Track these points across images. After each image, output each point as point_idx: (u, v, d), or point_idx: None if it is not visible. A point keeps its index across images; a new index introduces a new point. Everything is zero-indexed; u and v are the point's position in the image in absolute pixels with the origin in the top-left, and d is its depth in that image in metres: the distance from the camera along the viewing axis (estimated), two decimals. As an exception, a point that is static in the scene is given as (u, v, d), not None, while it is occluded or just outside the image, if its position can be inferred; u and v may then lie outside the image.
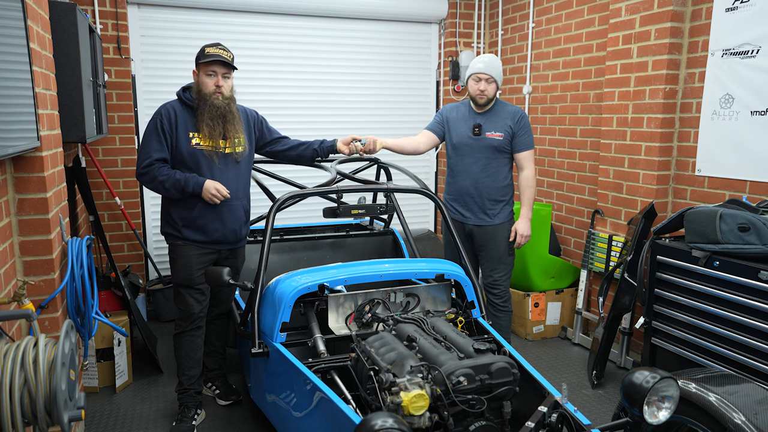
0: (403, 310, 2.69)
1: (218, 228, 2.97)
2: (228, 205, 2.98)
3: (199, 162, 2.91)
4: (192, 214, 2.93)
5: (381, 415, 1.57)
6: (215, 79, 2.89)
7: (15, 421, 1.50)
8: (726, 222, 2.79)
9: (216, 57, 2.86)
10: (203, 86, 2.89)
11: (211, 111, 2.88)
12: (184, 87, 3.01)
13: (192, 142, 2.90)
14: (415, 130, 5.55)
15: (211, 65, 2.87)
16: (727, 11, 3.26)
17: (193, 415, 3.06)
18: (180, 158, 2.91)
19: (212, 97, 2.88)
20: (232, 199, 2.97)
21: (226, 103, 2.93)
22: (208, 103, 2.88)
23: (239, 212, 3.05)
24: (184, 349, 3.05)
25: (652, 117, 3.62)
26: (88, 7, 4.26)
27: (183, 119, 2.91)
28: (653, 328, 3.27)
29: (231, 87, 2.98)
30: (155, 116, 2.91)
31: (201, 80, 2.90)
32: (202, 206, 2.92)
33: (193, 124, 2.92)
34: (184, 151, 2.89)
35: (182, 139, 2.89)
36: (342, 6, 4.98)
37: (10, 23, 1.99)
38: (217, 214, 2.95)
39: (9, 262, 2.24)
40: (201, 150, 2.91)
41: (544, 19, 4.77)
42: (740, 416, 1.88)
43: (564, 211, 4.67)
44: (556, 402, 2.00)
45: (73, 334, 1.68)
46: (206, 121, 2.88)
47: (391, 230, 4.12)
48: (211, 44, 2.93)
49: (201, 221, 2.94)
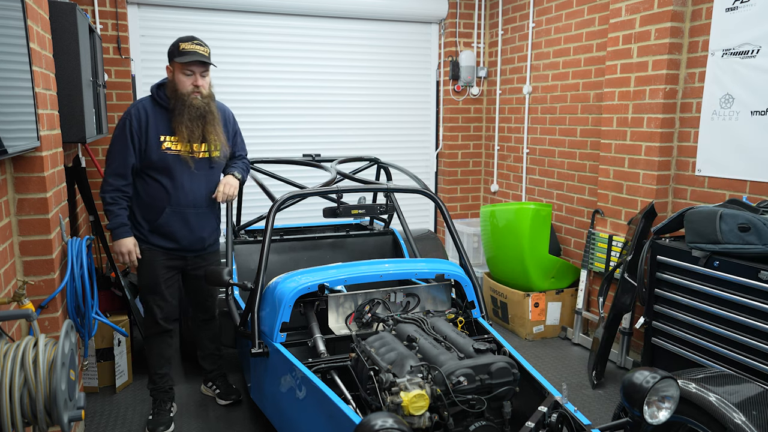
0: (403, 310, 2.69)
1: (186, 235, 2.87)
2: (197, 212, 2.86)
3: (170, 167, 2.75)
4: (159, 220, 2.81)
5: (381, 415, 1.57)
6: (193, 78, 2.70)
7: (15, 421, 1.50)
8: (726, 222, 2.79)
9: (193, 57, 2.66)
10: (180, 85, 2.70)
11: (190, 112, 2.70)
12: (158, 84, 2.80)
13: (163, 146, 2.73)
14: (414, 129, 5.57)
15: (188, 65, 2.69)
16: (727, 11, 3.25)
17: (169, 408, 3.09)
18: (149, 163, 2.74)
19: (190, 97, 2.70)
20: (203, 206, 2.87)
21: (206, 102, 2.75)
22: (187, 104, 2.70)
23: (209, 219, 2.94)
24: (155, 350, 3.01)
25: (652, 117, 3.62)
26: (88, 7, 4.26)
27: (155, 121, 2.73)
28: (653, 328, 3.26)
29: (209, 84, 2.80)
30: (124, 117, 2.73)
31: (177, 78, 2.70)
32: (169, 212, 2.81)
33: (166, 126, 2.74)
34: (154, 156, 2.73)
35: (152, 143, 2.72)
36: (342, 6, 4.98)
37: (10, 23, 1.99)
38: (184, 222, 2.84)
39: (9, 262, 2.24)
40: (172, 154, 2.75)
41: (544, 19, 4.76)
42: (740, 416, 1.88)
43: (564, 211, 4.67)
44: (556, 402, 2.00)
45: (73, 334, 1.68)
46: (185, 122, 2.70)
47: (391, 230, 4.12)
48: (185, 38, 2.71)
49: (167, 228, 2.83)
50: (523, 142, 5.10)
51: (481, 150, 5.72)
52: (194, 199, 2.85)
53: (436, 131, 5.66)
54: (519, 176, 5.19)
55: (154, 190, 2.80)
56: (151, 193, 2.80)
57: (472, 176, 5.74)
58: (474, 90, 5.52)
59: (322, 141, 5.18)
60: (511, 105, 5.26)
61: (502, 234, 4.35)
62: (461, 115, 5.56)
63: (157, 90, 2.77)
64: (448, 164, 5.62)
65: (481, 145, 5.72)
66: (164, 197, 2.80)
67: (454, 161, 5.63)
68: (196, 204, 2.86)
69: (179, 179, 2.77)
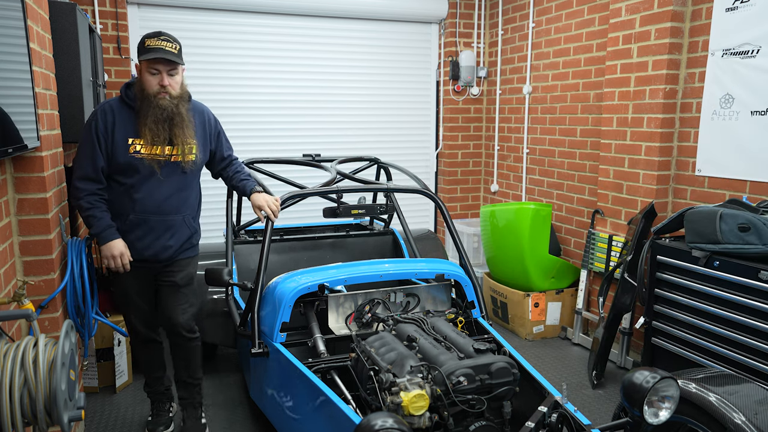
0: (403, 310, 2.69)
1: (149, 245, 2.63)
2: (163, 219, 2.63)
3: (138, 171, 2.54)
4: (122, 227, 2.59)
5: (381, 415, 1.57)
6: (159, 78, 2.49)
7: (15, 421, 1.50)
8: (726, 222, 2.79)
9: (157, 53, 2.44)
10: (146, 84, 2.50)
11: (156, 113, 2.49)
12: (127, 83, 2.62)
13: (130, 149, 2.53)
14: (414, 129, 5.57)
15: (153, 63, 2.47)
16: (727, 11, 3.25)
17: (168, 408, 3.04)
18: (117, 167, 2.54)
19: (157, 97, 2.49)
20: (170, 213, 2.64)
21: (174, 103, 2.53)
22: (153, 105, 2.49)
23: (179, 228, 2.69)
24: (144, 358, 2.94)
25: (652, 117, 3.62)
26: (88, 7, 4.26)
27: (122, 122, 2.53)
28: (653, 328, 3.26)
29: (180, 83, 2.58)
30: (90, 118, 2.53)
31: (143, 77, 2.51)
32: (132, 219, 2.58)
33: (134, 128, 2.53)
34: (121, 160, 2.52)
35: (119, 146, 2.51)
36: (342, 6, 4.98)
37: (10, 23, 1.99)
38: (148, 230, 2.61)
39: (9, 262, 2.24)
40: (141, 158, 2.53)
41: (544, 19, 4.76)
42: (740, 416, 1.88)
43: (564, 211, 4.67)
44: (556, 402, 2.00)
45: (73, 334, 1.68)
46: (149, 125, 2.49)
47: (391, 230, 4.12)
48: (151, 33, 2.52)
49: (130, 236, 2.60)
50: (523, 142, 5.10)
51: (481, 150, 5.73)
52: (160, 206, 2.61)
53: (436, 131, 5.66)
54: (519, 176, 5.19)
55: (117, 195, 2.59)
56: (115, 198, 2.59)
57: (472, 176, 5.74)
58: (474, 90, 5.52)
59: (322, 141, 5.18)
60: (511, 105, 5.26)
61: (502, 234, 4.35)
62: (461, 115, 5.56)
63: (126, 89, 2.58)
64: (448, 164, 5.62)
65: (481, 145, 5.72)
66: (128, 203, 2.58)
67: (454, 161, 5.63)
68: (162, 211, 2.62)
69: (145, 184, 2.56)
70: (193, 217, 2.76)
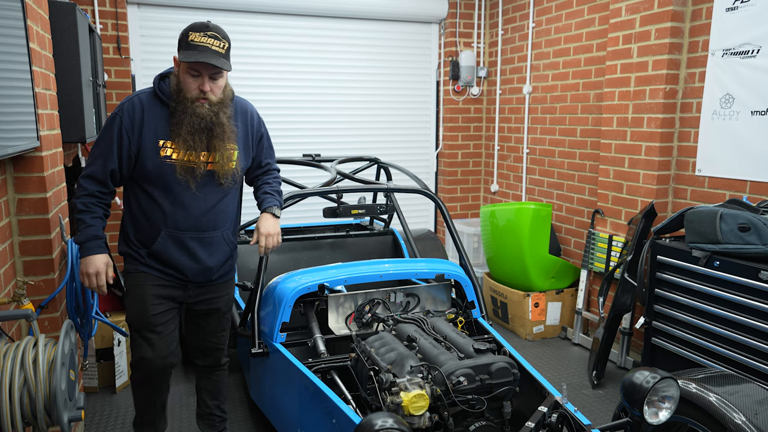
0: (403, 310, 2.69)
1: (189, 266, 2.29)
2: (199, 237, 2.27)
3: (167, 181, 2.18)
4: (153, 245, 2.24)
5: (381, 415, 1.57)
6: (199, 81, 2.13)
7: (15, 421, 1.50)
8: (726, 222, 2.79)
9: (200, 57, 2.07)
10: (185, 87, 2.14)
11: (192, 122, 2.14)
12: (162, 74, 2.24)
13: (161, 152, 2.16)
14: (414, 129, 5.57)
15: (194, 66, 2.11)
16: (728, 11, 3.25)
17: None
18: (143, 172, 2.17)
19: (194, 104, 2.14)
20: (208, 230, 2.29)
21: (214, 111, 2.16)
22: (189, 112, 2.13)
23: (218, 246, 2.33)
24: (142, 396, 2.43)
25: (652, 117, 3.62)
26: (88, 7, 4.26)
27: (152, 119, 2.16)
28: (653, 328, 3.26)
29: (222, 88, 2.20)
30: (115, 112, 2.17)
31: (182, 78, 2.14)
32: (165, 236, 2.23)
33: (166, 128, 2.17)
34: (149, 164, 2.16)
35: (148, 148, 2.15)
36: (342, 6, 4.98)
37: (10, 23, 1.99)
38: (184, 249, 2.26)
39: (9, 262, 2.24)
40: (172, 164, 2.17)
41: (544, 19, 4.76)
42: (740, 416, 1.88)
43: (564, 211, 4.67)
44: (556, 402, 2.00)
45: (72, 334, 1.68)
46: (183, 135, 2.14)
47: (391, 230, 4.12)
48: (198, 25, 2.13)
49: (166, 256, 2.26)
50: (523, 142, 5.10)
51: (481, 150, 5.73)
52: (196, 222, 2.26)
53: (436, 131, 5.66)
54: (519, 176, 5.19)
55: (147, 208, 2.23)
56: (145, 210, 2.24)
57: (472, 176, 5.74)
58: (474, 90, 5.52)
59: (322, 141, 5.18)
60: (511, 105, 5.26)
61: (502, 234, 4.35)
62: (461, 115, 5.56)
63: (159, 81, 2.21)
64: (448, 164, 5.62)
65: (481, 145, 5.72)
66: (160, 218, 2.22)
67: (454, 161, 5.63)
68: (198, 227, 2.26)
69: (179, 196, 2.20)
70: (232, 231, 2.41)
